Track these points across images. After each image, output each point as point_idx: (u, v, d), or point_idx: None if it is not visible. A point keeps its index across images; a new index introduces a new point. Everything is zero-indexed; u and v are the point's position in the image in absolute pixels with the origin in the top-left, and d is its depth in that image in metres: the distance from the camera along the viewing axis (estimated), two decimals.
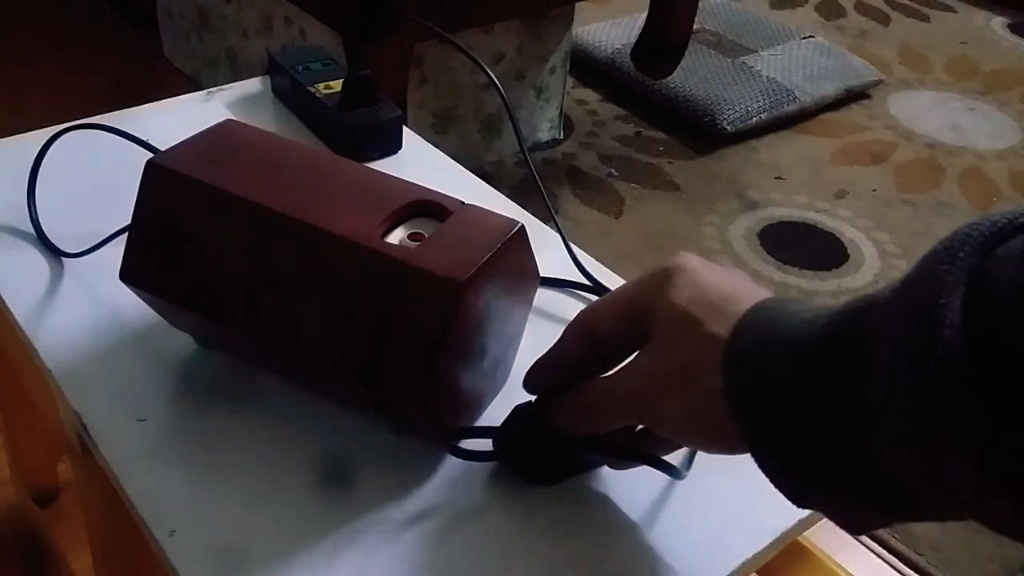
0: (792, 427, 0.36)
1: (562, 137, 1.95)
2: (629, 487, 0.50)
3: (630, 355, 0.45)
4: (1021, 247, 0.29)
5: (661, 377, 0.41)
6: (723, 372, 0.38)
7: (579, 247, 0.67)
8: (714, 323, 0.40)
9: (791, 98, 2.03)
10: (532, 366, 0.48)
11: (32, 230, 0.63)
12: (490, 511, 0.49)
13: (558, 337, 0.48)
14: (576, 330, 0.47)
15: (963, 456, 0.29)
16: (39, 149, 0.66)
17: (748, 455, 0.39)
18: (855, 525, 0.37)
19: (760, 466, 0.38)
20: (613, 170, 1.86)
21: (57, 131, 0.67)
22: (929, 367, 0.29)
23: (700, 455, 0.52)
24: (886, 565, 1.16)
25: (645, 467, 0.48)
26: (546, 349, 0.48)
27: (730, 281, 0.42)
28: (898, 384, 0.31)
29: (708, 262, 0.44)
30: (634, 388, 0.43)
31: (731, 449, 0.40)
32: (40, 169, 0.67)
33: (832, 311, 0.36)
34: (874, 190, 1.87)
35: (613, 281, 0.65)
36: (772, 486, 0.39)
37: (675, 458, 0.49)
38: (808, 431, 0.36)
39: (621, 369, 0.44)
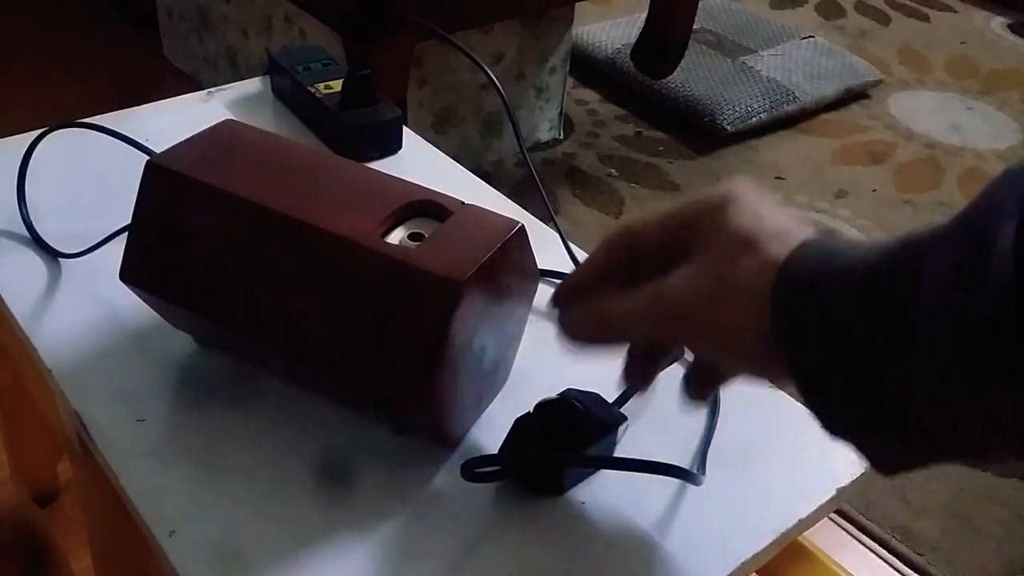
0: (836, 354, 0.36)
1: (562, 137, 1.95)
2: (629, 489, 0.50)
3: (657, 277, 0.44)
4: None
5: (711, 293, 0.40)
6: (774, 295, 0.38)
7: (579, 247, 0.67)
8: (771, 248, 0.39)
9: (791, 98, 2.03)
10: (564, 281, 0.47)
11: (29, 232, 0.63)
12: (491, 511, 0.49)
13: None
14: (616, 237, 0.45)
15: (1006, 383, 0.29)
16: (25, 149, 0.66)
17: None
18: (887, 465, 0.37)
19: (800, 392, 0.38)
20: (613, 170, 1.86)
21: (41, 132, 0.67)
22: (977, 289, 0.29)
23: (710, 459, 0.52)
24: (886, 565, 1.16)
25: (644, 467, 0.48)
26: (546, 349, 0.48)
27: (786, 214, 0.42)
28: (945, 307, 0.31)
29: (764, 193, 0.43)
30: (681, 299, 0.41)
31: (767, 374, 0.40)
32: (39, 170, 0.67)
33: (889, 242, 0.36)
34: (874, 190, 1.87)
35: None
36: (777, 486, 0.38)
37: (685, 462, 0.49)
38: (852, 358, 0.35)
39: (661, 283, 0.42)
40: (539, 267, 0.53)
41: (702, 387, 0.48)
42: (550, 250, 0.66)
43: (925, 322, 0.32)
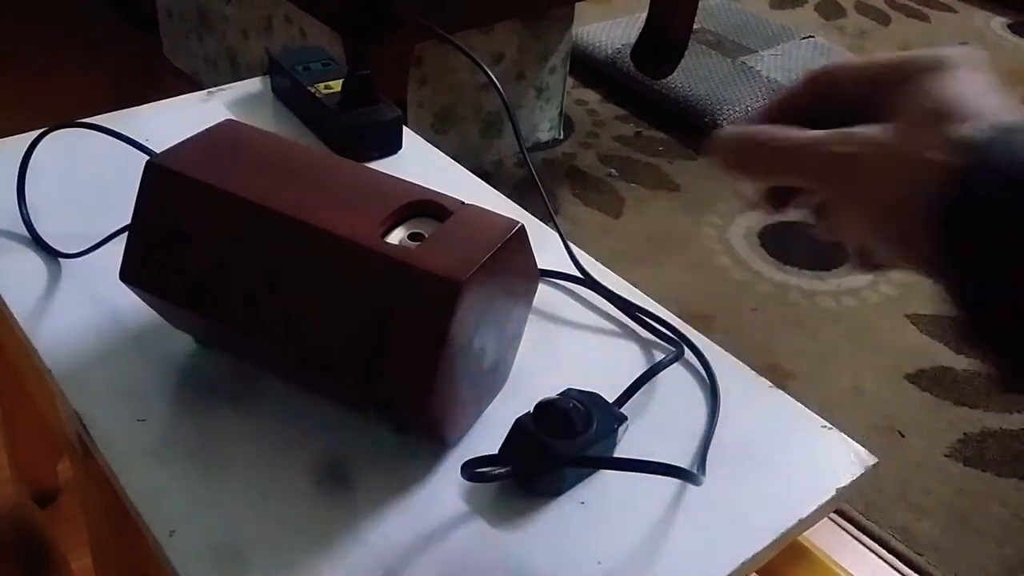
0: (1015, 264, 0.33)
1: (562, 137, 1.95)
2: (629, 489, 0.50)
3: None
4: None
5: (882, 153, 0.37)
6: (949, 181, 0.35)
7: (579, 247, 0.67)
8: (966, 125, 0.36)
9: None
10: (755, 111, 0.44)
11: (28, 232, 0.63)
12: (491, 511, 0.49)
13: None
14: (821, 70, 0.43)
15: None
16: (25, 149, 0.66)
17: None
18: (1010, 375, 0.35)
19: (947, 290, 0.35)
20: (613, 170, 1.86)
21: (41, 132, 0.67)
22: None
23: (710, 459, 0.52)
24: (886, 565, 1.16)
25: (644, 467, 0.48)
26: (546, 349, 0.48)
27: (997, 91, 0.39)
28: None
29: (982, 67, 0.41)
30: (849, 149, 0.38)
31: (914, 258, 0.37)
32: (39, 170, 0.67)
33: None
34: None
35: (613, 280, 0.65)
36: (777, 486, 0.37)
37: (685, 462, 0.49)
38: None
39: (845, 130, 0.39)
40: (539, 267, 0.53)
41: (864, 261, 0.45)
42: (550, 250, 0.66)
43: None
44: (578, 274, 0.65)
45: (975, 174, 0.35)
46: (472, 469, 0.47)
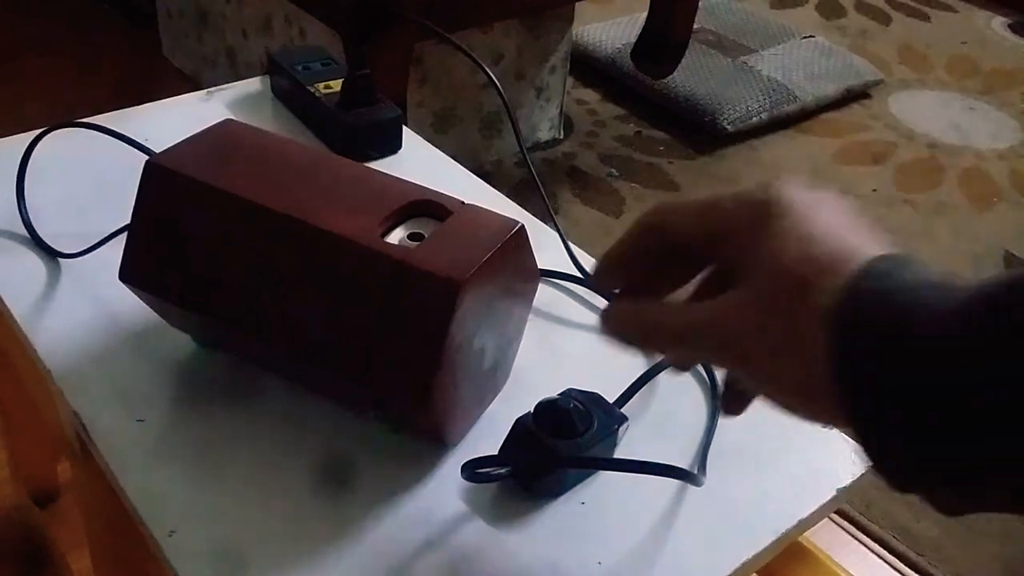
0: (912, 415, 0.33)
1: (562, 137, 1.95)
2: (629, 489, 0.50)
3: (694, 268, 0.43)
4: None
5: (761, 335, 0.37)
6: (835, 346, 0.34)
7: (579, 247, 0.67)
8: (826, 290, 0.35)
9: (791, 98, 2.03)
10: (599, 261, 0.44)
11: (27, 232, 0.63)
12: (491, 511, 0.49)
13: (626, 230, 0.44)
14: (649, 223, 0.42)
15: None
16: (25, 149, 0.66)
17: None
18: (958, 511, 0.35)
19: (868, 454, 0.35)
20: (613, 170, 1.86)
21: (41, 132, 0.67)
22: None
23: (710, 459, 0.52)
24: (886, 565, 1.16)
25: (644, 467, 0.48)
26: (546, 349, 0.48)
27: (839, 227, 0.38)
28: None
29: (810, 195, 0.39)
30: (731, 337, 0.38)
31: (824, 419, 0.37)
32: (39, 170, 0.67)
33: (970, 287, 0.33)
34: (874, 190, 1.87)
35: None
36: (777, 486, 0.38)
37: (685, 463, 0.49)
38: (932, 419, 0.32)
39: (716, 305, 0.39)
40: (539, 267, 0.53)
41: (739, 404, 0.47)
42: (550, 250, 0.66)
43: None
44: (578, 274, 0.65)
45: (853, 345, 0.34)
46: (472, 469, 0.47)
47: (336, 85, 0.77)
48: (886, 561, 1.16)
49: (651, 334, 0.42)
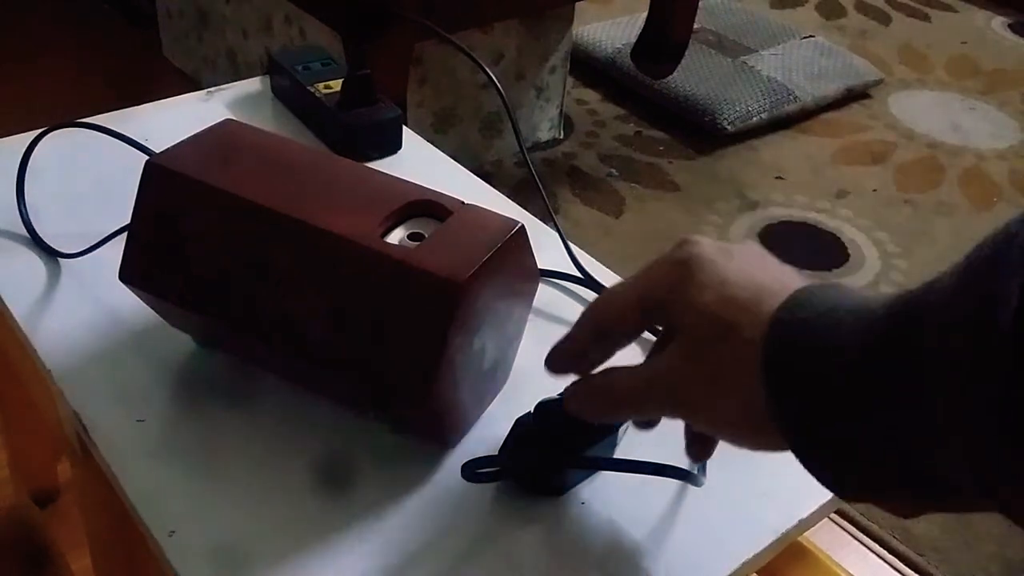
0: (841, 432, 0.35)
1: (562, 137, 1.95)
2: (629, 489, 0.50)
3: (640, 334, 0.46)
4: None
5: (698, 379, 0.40)
6: (764, 381, 0.37)
7: (579, 247, 0.67)
8: (747, 327, 0.38)
9: (791, 98, 2.03)
10: (550, 353, 0.47)
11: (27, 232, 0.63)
12: (491, 511, 0.49)
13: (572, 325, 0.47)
14: (590, 320, 0.46)
15: (1010, 455, 0.28)
16: (24, 149, 0.66)
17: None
18: (906, 512, 0.37)
19: (809, 470, 0.37)
20: (613, 170, 1.86)
21: (41, 132, 0.67)
22: (982, 358, 0.28)
23: (710, 459, 0.52)
24: (886, 565, 1.16)
25: (644, 467, 0.48)
26: (546, 349, 0.48)
27: (752, 269, 0.41)
28: (951, 390, 0.30)
29: (721, 245, 0.42)
30: (672, 388, 0.42)
31: (774, 449, 0.39)
32: (38, 170, 0.67)
33: (874, 306, 0.35)
34: (874, 190, 1.87)
35: (613, 280, 0.65)
36: (777, 486, 0.38)
37: (686, 463, 0.49)
38: (858, 434, 0.35)
39: (655, 363, 0.43)
40: (539, 267, 0.53)
41: (703, 448, 0.49)
42: (550, 250, 0.66)
43: (931, 395, 0.31)
44: (578, 274, 0.65)
45: (779, 378, 0.37)
46: (472, 469, 0.47)
47: (336, 85, 0.77)
48: (886, 561, 1.16)
49: (606, 402, 0.46)
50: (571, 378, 0.47)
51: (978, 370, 0.29)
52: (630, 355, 0.47)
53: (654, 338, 0.49)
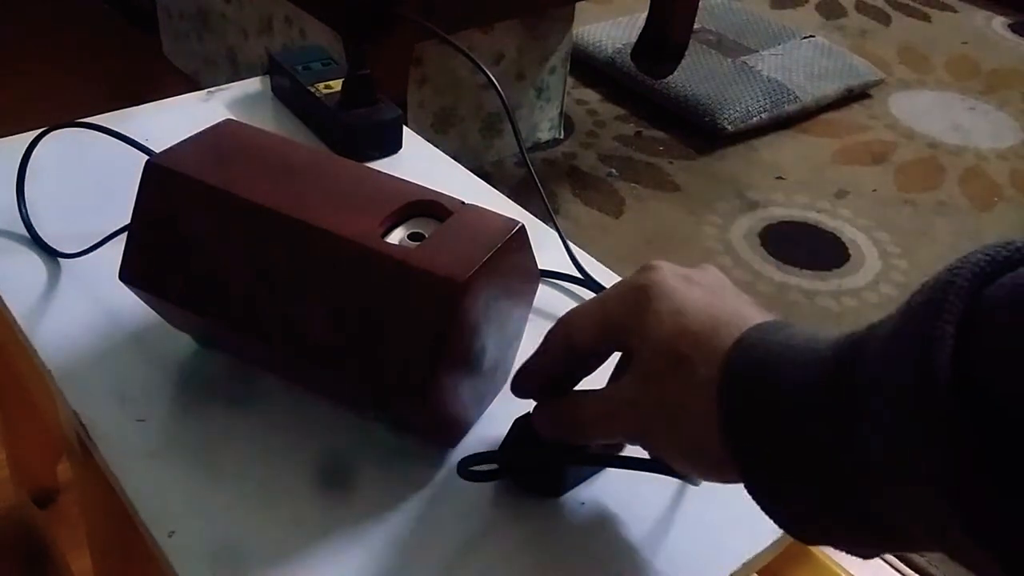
0: (792, 474, 0.36)
1: (562, 137, 1.95)
2: (629, 489, 0.50)
3: (603, 361, 0.47)
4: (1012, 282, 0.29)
5: (655, 411, 0.41)
6: (719, 417, 0.38)
7: (579, 247, 0.67)
8: (702, 362, 0.39)
9: (792, 98, 2.03)
10: (516, 372, 0.48)
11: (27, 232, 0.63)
12: (490, 511, 0.49)
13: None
14: (555, 341, 0.46)
15: (947, 503, 0.29)
16: (24, 149, 0.66)
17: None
18: (861, 554, 0.37)
19: (760, 507, 0.38)
20: (613, 170, 1.86)
21: (41, 132, 0.67)
22: (918, 416, 0.29)
23: None
24: (886, 565, 1.16)
25: (644, 466, 0.48)
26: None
27: (710, 299, 0.41)
28: (890, 431, 0.30)
29: (683, 272, 0.43)
30: (629, 417, 0.42)
31: (729, 480, 0.40)
32: (39, 170, 0.67)
33: (822, 346, 0.35)
34: (875, 190, 1.87)
35: (613, 280, 0.65)
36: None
37: None
38: (807, 476, 0.35)
39: (614, 392, 0.44)
40: (539, 267, 0.53)
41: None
42: (550, 250, 0.66)
43: (873, 444, 0.31)
44: (578, 274, 0.65)
45: (733, 408, 0.37)
46: (467, 466, 0.47)
47: (336, 85, 0.77)
48: (886, 561, 1.16)
49: (573, 427, 0.46)
50: None
51: (916, 412, 0.29)
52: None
53: None
